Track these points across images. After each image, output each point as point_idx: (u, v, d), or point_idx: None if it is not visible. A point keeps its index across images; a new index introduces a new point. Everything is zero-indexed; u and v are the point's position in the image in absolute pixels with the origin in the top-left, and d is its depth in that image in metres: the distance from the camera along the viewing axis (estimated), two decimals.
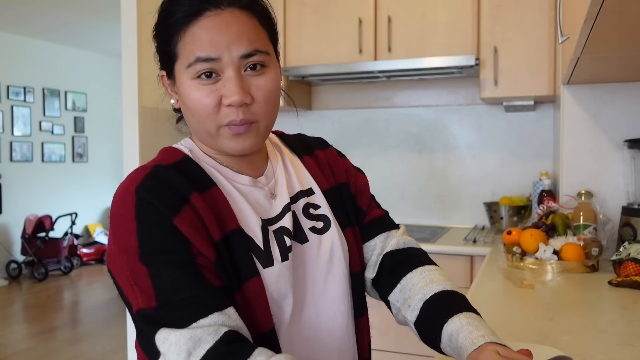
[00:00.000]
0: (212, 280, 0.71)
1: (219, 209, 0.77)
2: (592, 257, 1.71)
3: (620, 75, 1.88)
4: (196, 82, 0.75)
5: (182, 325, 0.67)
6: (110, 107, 7.25)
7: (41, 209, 6.38)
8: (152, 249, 0.70)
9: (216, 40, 0.74)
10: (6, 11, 5.22)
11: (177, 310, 0.68)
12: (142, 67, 2.59)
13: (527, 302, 1.41)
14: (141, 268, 0.69)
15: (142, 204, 0.71)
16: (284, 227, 0.83)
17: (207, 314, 0.68)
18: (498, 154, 2.78)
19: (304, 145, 0.97)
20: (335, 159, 0.97)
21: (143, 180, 0.74)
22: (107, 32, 5.94)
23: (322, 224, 0.88)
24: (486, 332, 0.74)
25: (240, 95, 0.74)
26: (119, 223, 0.72)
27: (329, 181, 0.93)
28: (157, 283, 0.69)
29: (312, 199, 0.90)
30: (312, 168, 0.93)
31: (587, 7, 0.99)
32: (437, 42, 2.50)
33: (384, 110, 2.99)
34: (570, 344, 1.05)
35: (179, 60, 0.77)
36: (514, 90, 2.42)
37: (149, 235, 0.70)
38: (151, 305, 0.68)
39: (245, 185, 0.83)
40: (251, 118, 0.77)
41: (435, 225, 2.88)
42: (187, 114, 0.80)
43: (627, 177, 1.95)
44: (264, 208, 0.83)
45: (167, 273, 0.69)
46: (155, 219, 0.71)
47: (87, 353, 3.69)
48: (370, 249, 0.94)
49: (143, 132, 2.67)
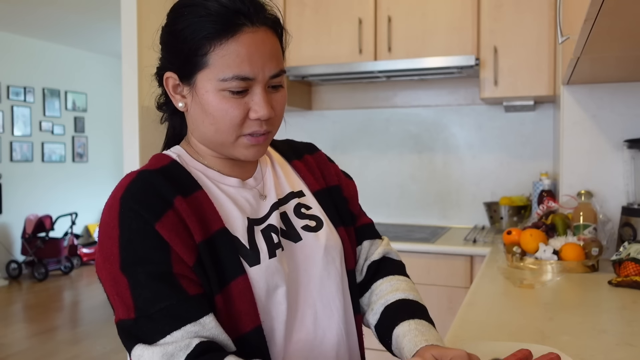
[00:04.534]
0: (188, 289, 0.72)
1: (203, 211, 0.78)
2: (592, 257, 1.71)
3: (619, 75, 1.88)
4: (226, 93, 0.77)
5: (155, 339, 0.69)
6: (110, 107, 7.25)
7: (41, 209, 6.38)
8: (132, 258, 0.72)
9: (254, 60, 0.76)
10: (7, 10, 5.22)
11: (153, 322, 0.70)
12: (142, 67, 2.58)
13: (527, 302, 1.41)
14: (122, 278, 0.71)
15: (125, 211, 0.73)
16: (272, 224, 0.85)
17: (181, 326, 0.70)
18: (498, 154, 2.78)
19: (293, 150, 1.00)
20: (326, 163, 1.01)
21: (128, 186, 0.76)
22: (107, 32, 5.93)
23: (314, 222, 0.90)
24: (430, 337, 0.79)
25: (268, 110, 0.78)
26: (104, 231, 0.74)
27: (319, 183, 0.96)
28: (135, 294, 0.71)
29: (304, 200, 0.92)
30: (301, 171, 0.96)
31: (587, 7, 0.99)
32: (437, 42, 2.50)
33: (384, 110, 2.99)
34: (570, 344, 1.05)
35: (207, 69, 0.77)
36: (514, 90, 2.42)
37: (129, 243, 0.72)
38: (130, 316, 0.71)
39: (232, 187, 0.85)
40: (270, 129, 0.82)
41: (435, 225, 2.88)
42: (204, 122, 0.80)
43: (627, 177, 1.95)
44: (253, 208, 0.85)
45: (145, 284, 0.71)
46: (136, 226, 0.72)
47: (87, 353, 3.69)
48: (358, 252, 0.98)
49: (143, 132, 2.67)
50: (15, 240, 6.19)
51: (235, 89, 0.77)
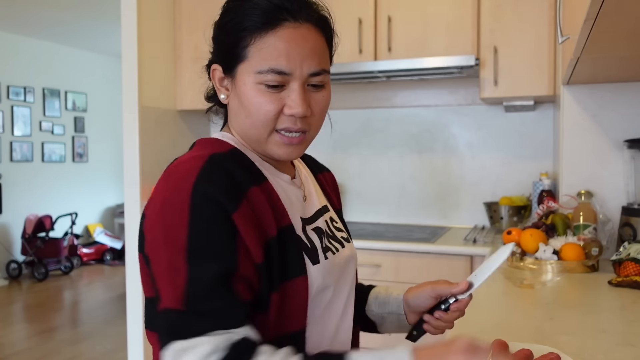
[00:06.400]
0: (243, 294, 0.70)
1: (274, 203, 0.79)
2: (592, 257, 1.71)
3: (620, 76, 1.88)
4: (262, 87, 0.77)
5: (197, 334, 0.67)
6: (110, 107, 7.25)
7: (41, 209, 6.38)
8: (200, 249, 0.68)
9: (292, 55, 0.76)
10: (6, 11, 5.22)
11: (201, 318, 0.67)
12: (142, 67, 2.58)
13: (527, 302, 1.41)
14: (183, 266, 0.68)
15: (199, 195, 0.69)
16: (320, 227, 0.87)
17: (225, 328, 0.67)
18: (498, 154, 2.78)
19: (315, 164, 1.03)
20: (334, 184, 1.05)
21: (202, 169, 0.72)
22: (107, 32, 5.93)
23: (346, 234, 0.96)
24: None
25: (303, 108, 0.78)
26: (169, 210, 0.70)
27: (337, 203, 1.01)
28: (192, 286, 0.68)
29: (331, 214, 0.95)
30: (327, 186, 1.00)
31: (587, 7, 0.99)
32: (437, 42, 2.50)
33: (384, 110, 2.99)
34: (570, 344, 1.05)
35: (246, 62, 0.78)
36: (514, 90, 2.42)
37: (199, 232, 0.69)
38: (178, 307, 0.68)
39: (286, 183, 0.86)
40: (306, 128, 0.81)
41: (435, 225, 2.88)
42: (241, 114, 0.81)
43: (627, 177, 1.95)
44: (302, 206, 0.87)
45: (204, 280, 0.68)
46: (211, 214, 0.69)
47: (87, 353, 3.69)
48: None
49: (143, 132, 2.67)
50: (15, 240, 6.19)
51: (271, 83, 0.76)
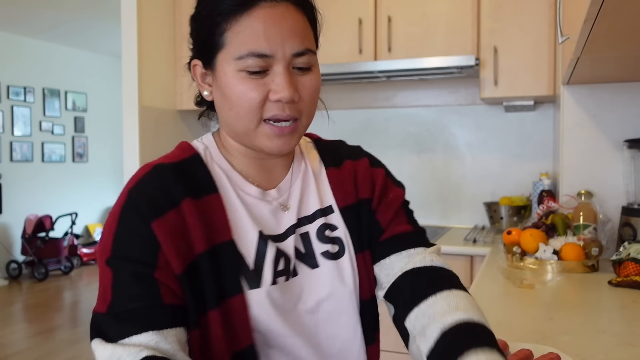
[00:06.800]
0: (165, 296, 0.69)
1: (213, 218, 0.74)
2: (592, 257, 1.71)
3: (620, 76, 1.88)
4: (243, 74, 0.73)
5: (115, 338, 0.66)
6: (110, 107, 7.25)
7: (41, 209, 6.38)
8: (120, 253, 0.69)
9: (271, 35, 0.72)
10: (6, 11, 5.22)
11: (117, 322, 0.67)
12: (142, 67, 2.58)
13: (527, 302, 1.41)
14: (107, 271, 0.69)
15: (128, 204, 0.71)
16: (282, 250, 0.79)
17: (142, 331, 0.66)
18: (498, 154, 2.78)
19: (333, 154, 0.92)
20: (364, 172, 0.89)
21: (139, 179, 0.74)
22: (107, 32, 5.93)
23: (337, 247, 0.83)
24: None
25: (290, 92, 0.73)
26: (108, 221, 0.73)
27: (348, 198, 0.86)
28: (114, 289, 0.68)
29: (330, 219, 0.85)
30: (333, 182, 0.87)
31: (587, 7, 0.99)
32: (437, 42, 2.50)
33: (384, 110, 2.99)
34: (570, 344, 1.05)
35: (224, 49, 0.73)
36: (514, 90, 2.42)
37: (121, 238, 0.70)
38: (102, 310, 0.69)
39: (251, 197, 0.80)
40: (296, 115, 0.76)
41: (435, 225, 2.88)
42: (225, 107, 0.76)
43: (627, 177, 1.95)
44: (268, 223, 0.80)
45: (125, 282, 0.68)
46: (133, 222, 0.70)
47: (87, 353, 3.69)
48: (384, 268, 0.85)
49: (143, 132, 2.67)
50: (15, 240, 6.19)
51: (253, 68, 0.72)
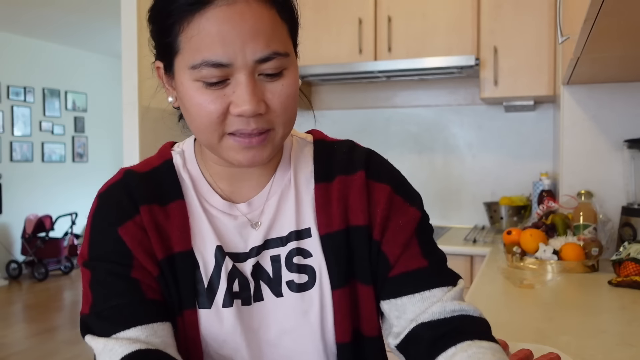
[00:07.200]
0: (147, 292, 0.68)
1: (172, 226, 0.71)
2: (592, 257, 1.71)
3: (619, 76, 1.88)
4: (200, 84, 0.63)
5: (103, 334, 0.66)
6: (110, 107, 7.25)
7: (41, 209, 6.38)
8: (95, 254, 0.70)
9: (228, 39, 0.61)
10: (6, 11, 5.22)
11: (101, 320, 0.67)
12: (142, 67, 2.58)
13: (527, 302, 1.41)
14: (86, 272, 0.70)
15: (98, 209, 0.72)
16: (240, 271, 0.71)
17: (129, 326, 0.65)
18: (498, 154, 2.78)
19: (328, 165, 0.77)
20: (359, 191, 0.75)
21: (108, 185, 0.74)
22: (107, 32, 5.93)
23: (306, 277, 0.72)
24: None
25: (252, 105, 0.62)
26: (86, 225, 0.74)
27: (333, 223, 0.73)
28: (94, 289, 0.68)
29: (304, 244, 0.73)
30: (319, 202, 0.74)
31: (587, 7, 1.00)
32: (437, 42, 2.50)
33: (384, 110, 2.99)
34: (570, 344, 1.05)
35: (179, 55, 0.64)
36: (513, 90, 2.42)
37: (95, 241, 0.71)
38: (85, 311, 0.69)
39: (215, 209, 0.74)
40: (266, 126, 0.66)
41: (435, 225, 2.84)
42: (187, 118, 0.69)
43: (627, 177, 1.95)
44: (230, 239, 0.73)
45: (103, 280, 0.68)
46: (103, 226, 0.71)
47: (87, 353, 3.69)
48: (394, 308, 0.72)
49: (143, 132, 2.67)
50: (15, 240, 6.19)
51: (209, 79, 0.62)
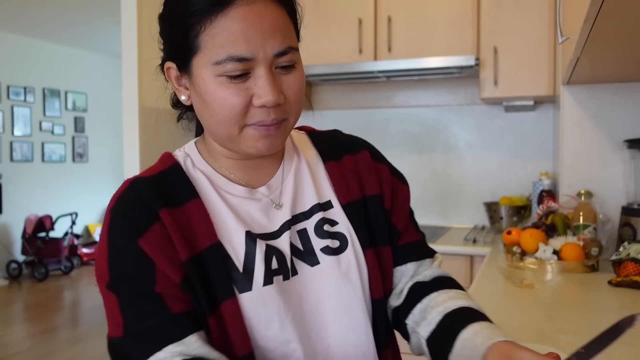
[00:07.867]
0: (173, 307, 0.68)
1: (194, 225, 0.72)
2: (591, 257, 1.71)
3: (620, 76, 1.88)
4: (223, 79, 0.68)
5: (142, 356, 0.66)
6: (110, 107, 7.25)
7: (41, 209, 6.38)
8: (118, 276, 0.69)
9: (250, 36, 0.67)
10: (6, 11, 5.22)
11: (138, 343, 0.67)
12: (142, 67, 2.59)
13: (526, 302, 1.41)
14: (111, 295, 0.69)
15: (112, 225, 0.71)
16: (277, 247, 0.75)
17: (162, 346, 0.66)
18: (498, 154, 2.78)
19: (332, 147, 0.87)
20: (367, 166, 0.86)
21: (118, 198, 0.73)
22: (107, 32, 5.94)
23: (337, 242, 0.79)
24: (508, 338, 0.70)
25: (274, 95, 0.68)
26: (99, 245, 0.72)
27: (351, 193, 0.82)
28: (124, 312, 0.68)
29: (330, 214, 0.81)
30: (334, 177, 0.83)
31: (587, 8, 1.00)
32: (437, 42, 2.50)
33: (384, 110, 2.99)
34: (570, 344, 1.05)
35: (200, 53, 0.69)
36: (513, 91, 2.42)
37: (115, 261, 0.69)
38: (118, 334, 0.68)
39: (237, 197, 0.77)
40: (282, 116, 0.72)
41: (435, 225, 2.88)
42: (205, 114, 0.72)
43: (627, 177, 1.95)
44: (258, 222, 0.76)
45: (131, 302, 0.68)
46: (121, 243, 0.69)
47: (87, 353, 3.69)
48: (399, 274, 0.84)
49: (143, 132, 2.67)
50: (16, 240, 6.19)
51: (233, 73, 0.67)
